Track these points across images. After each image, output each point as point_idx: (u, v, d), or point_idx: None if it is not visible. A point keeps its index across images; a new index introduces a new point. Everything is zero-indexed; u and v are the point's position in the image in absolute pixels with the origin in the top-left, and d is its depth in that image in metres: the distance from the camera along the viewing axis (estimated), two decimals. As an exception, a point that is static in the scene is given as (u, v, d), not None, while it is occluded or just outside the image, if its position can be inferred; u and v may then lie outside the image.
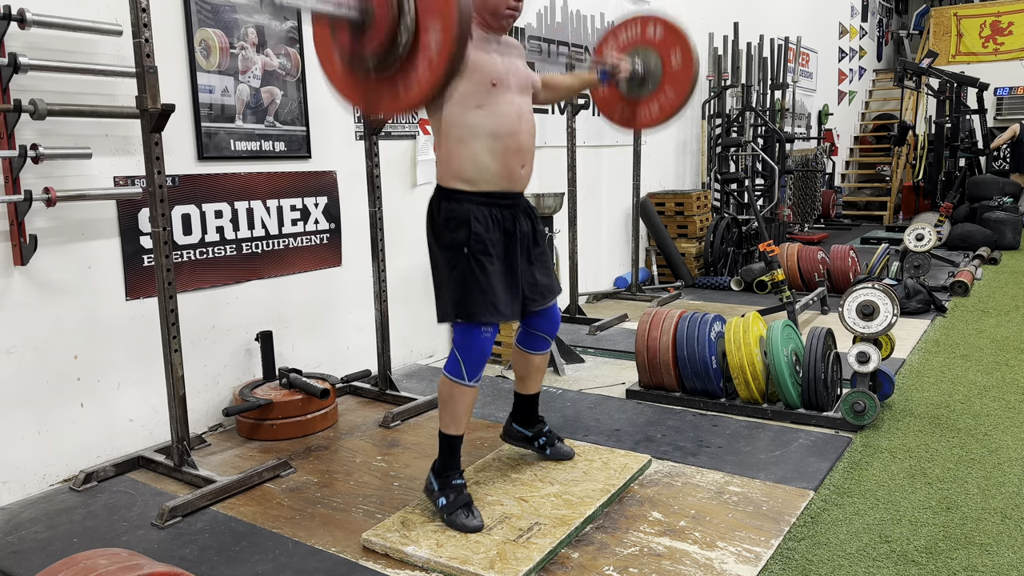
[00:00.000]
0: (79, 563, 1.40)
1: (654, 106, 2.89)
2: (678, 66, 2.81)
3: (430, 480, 2.54)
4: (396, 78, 1.72)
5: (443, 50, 1.67)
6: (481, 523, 2.42)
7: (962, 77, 9.26)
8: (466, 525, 2.40)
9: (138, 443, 3.18)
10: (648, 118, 2.93)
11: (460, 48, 1.69)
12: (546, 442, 2.89)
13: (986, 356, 4.38)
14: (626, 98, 2.93)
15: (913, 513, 2.57)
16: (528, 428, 2.90)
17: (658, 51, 2.83)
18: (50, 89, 2.79)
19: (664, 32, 2.81)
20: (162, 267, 2.79)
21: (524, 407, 2.88)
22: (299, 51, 3.69)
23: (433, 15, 1.65)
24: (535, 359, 2.78)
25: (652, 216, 6.64)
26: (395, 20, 1.68)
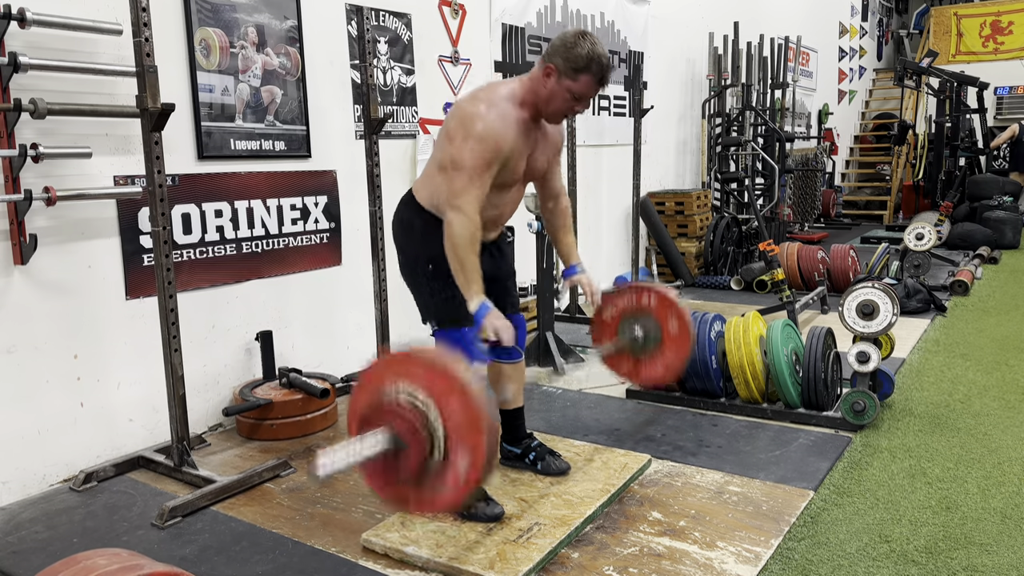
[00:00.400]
0: (79, 563, 1.40)
1: (658, 367, 2.99)
2: (675, 332, 2.93)
3: None
4: (426, 487, 1.82)
5: (470, 479, 1.77)
6: (502, 509, 2.44)
7: (962, 76, 9.26)
8: (488, 514, 2.41)
9: (138, 443, 3.18)
10: (653, 375, 3.02)
11: (486, 476, 1.79)
12: (536, 457, 2.81)
13: (986, 356, 4.37)
14: (632, 358, 3.03)
15: (913, 513, 2.57)
16: (516, 446, 2.83)
17: (655, 317, 2.95)
18: (50, 88, 2.79)
19: (658, 301, 2.93)
20: (162, 267, 2.79)
21: (507, 423, 2.80)
22: (299, 51, 3.69)
23: (464, 447, 1.75)
24: (506, 368, 2.71)
25: (652, 215, 6.64)
26: (426, 451, 1.78)
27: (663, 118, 7.14)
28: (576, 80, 2.30)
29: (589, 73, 2.30)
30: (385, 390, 1.84)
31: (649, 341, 2.96)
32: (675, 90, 7.37)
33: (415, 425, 1.79)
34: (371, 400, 1.87)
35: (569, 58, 2.28)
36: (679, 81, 7.43)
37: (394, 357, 1.88)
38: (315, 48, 3.78)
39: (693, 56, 7.56)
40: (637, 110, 6.04)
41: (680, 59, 7.39)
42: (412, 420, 1.79)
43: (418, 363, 1.82)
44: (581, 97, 2.34)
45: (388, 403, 1.82)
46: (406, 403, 1.81)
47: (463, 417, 1.75)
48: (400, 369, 1.85)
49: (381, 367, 1.91)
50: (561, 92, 2.32)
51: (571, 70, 2.29)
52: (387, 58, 4.18)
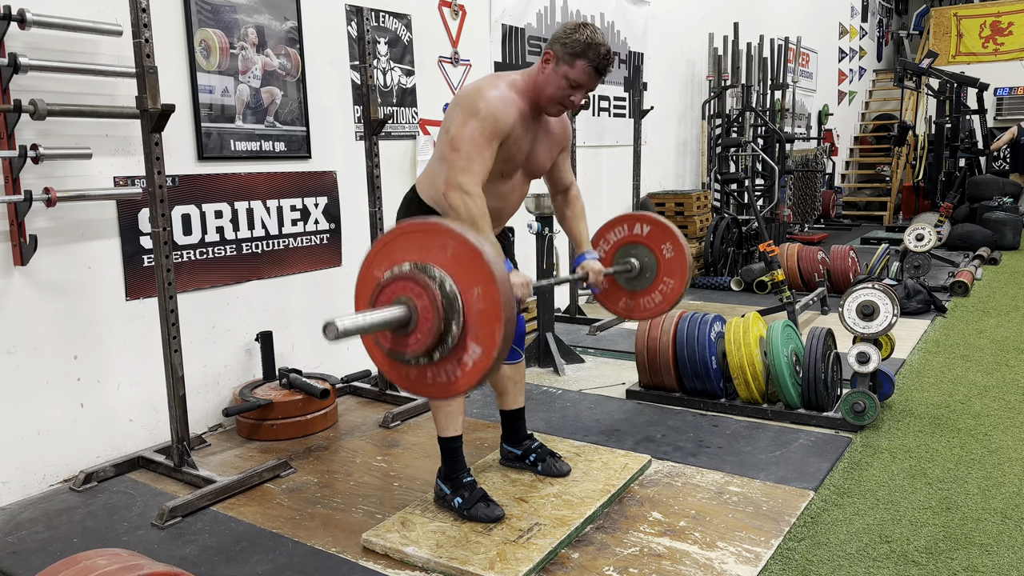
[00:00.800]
0: (79, 563, 1.40)
1: (656, 296, 2.96)
2: (671, 255, 2.90)
3: (440, 487, 2.53)
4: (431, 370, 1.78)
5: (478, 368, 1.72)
6: (502, 512, 2.43)
7: (962, 77, 9.26)
8: (488, 515, 2.41)
9: (138, 443, 3.18)
10: (652, 307, 2.98)
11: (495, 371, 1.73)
12: (537, 458, 2.80)
13: (986, 356, 4.37)
14: (627, 290, 3.00)
15: (913, 513, 2.57)
16: (516, 447, 2.83)
17: (649, 245, 2.94)
18: (50, 89, 2.79)
19: (651, 228, 2.93)
20: (162, 267, 2.79)
21: (508, 424, 2.82)
22: (299, 51, 3.69)
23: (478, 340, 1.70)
24: (506, 369, 2.71)
25: (652, 216, 6.63)
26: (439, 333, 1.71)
27: (663, 119, 7.15)
28: (572, 66, 2.26)
29: (586, 59, 2.26)
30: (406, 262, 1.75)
31: (645, 271, 2.93)
32: (675, 91, 7.37)
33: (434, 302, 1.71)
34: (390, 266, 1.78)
35: (567, 43, 2.25)
36: (679, 82, 7.43)
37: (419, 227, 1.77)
38: (315, 49, 3.78)
39: (693, 57, 7.57)
40: (637, 111, 6.05)
41: (680, 60, 7.39)
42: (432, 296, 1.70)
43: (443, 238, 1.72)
44: (577, 85, 2.29)
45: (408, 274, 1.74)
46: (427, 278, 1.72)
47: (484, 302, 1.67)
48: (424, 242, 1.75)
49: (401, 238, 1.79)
50: (557, 79, 2.28)
51: (568, 55, 2.26)
52: (387, 59, 4.18)
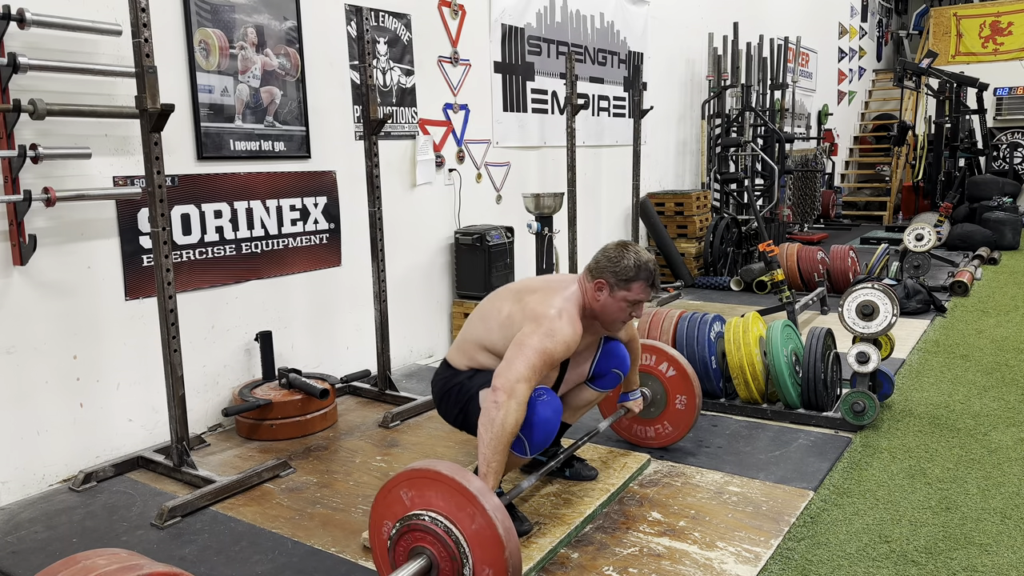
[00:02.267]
0: (78, 563, 1.40)
1: (650, 431, 3.08)
2: (682, 408, 2.99)
3: None
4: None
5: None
6: (530, 525, 2.42)
7: (962, 77, 9.26)
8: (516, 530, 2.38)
9: (137, 443, 3.18)
10: (642, 439, 3.10)
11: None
12: (564, 464, 2.78)
13: (986, 356, 4.37)
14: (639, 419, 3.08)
15: (913, 513, 2.57)
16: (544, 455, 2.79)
17: (666, 388, 3.00)
18: (50, 89, 2.79)
19: (676, 374, 2.98)
20: (161, 267, 2.79)
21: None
22: (299, 51, 3.69)
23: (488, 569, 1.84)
24: (591, 394, 2.71)
25: (652, 216, 6.64)
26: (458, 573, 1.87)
27: (663, 119, 7.15)
28: (629, 289, 2.40)
29: (640, 280, 2.40)
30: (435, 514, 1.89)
31: (651, 405, 3.02)
32: (675, 91, 7.38)
33: (448, 552, 1.86)
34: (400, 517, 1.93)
35: (617, 271, 2.39)
36: (679, 82, 7.43)
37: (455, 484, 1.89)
38: (315, 49, 3.78)
39: (693, 57, 7.57)
40: (637, 111, 6.05)
41: (680, 60, 7.39)
42: (454, 565, 1.85)
43: (475, 510, 1.86)
44: (636, 302, 2.44)
45: (439, 534, 1.87)
46: (438, 528, 1.87)
47: (487, 546, 1.82)
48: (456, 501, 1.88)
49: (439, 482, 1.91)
50: (616, 303, 2.41)
51: (622, 281, 2.39)
52: (387, 59, 4.18)
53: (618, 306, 2.41)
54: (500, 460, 2.11)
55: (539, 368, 2.21)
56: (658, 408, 3.02)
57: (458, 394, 2.46)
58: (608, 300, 2.41)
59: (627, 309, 2.43)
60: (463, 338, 2.53)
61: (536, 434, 2.26)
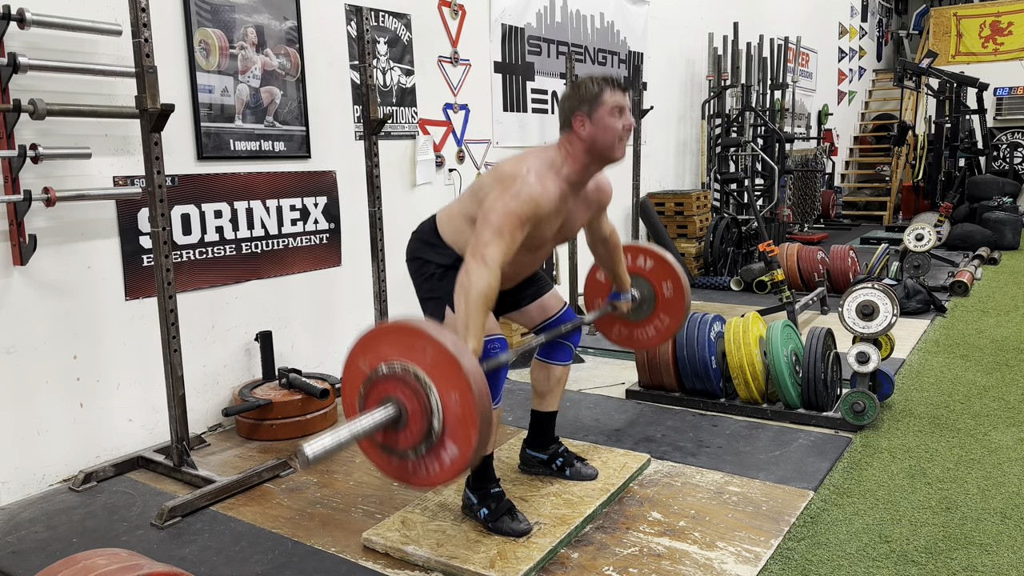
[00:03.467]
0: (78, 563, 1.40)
1: (650, 330, 3.00)
2: (670, 294, 2.92)
3: (467, 496, 2.50)
4: (413, 463, 1.90)
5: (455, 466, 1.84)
6: (529, 526, 2.40)
7: (962, 77, 9.25)
8: (514, 529, 2.38)
9: (137, 443, 3.18)
10: (644, 340, 3.04)
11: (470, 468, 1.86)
12: (564, 463, 2.77)
13: (986, 356, 4.37)
14: (622, 320, 3.02)
15: (913, 513, 2.57)
16: (543, 451, 2.80)
17: (649, 280, 2.94)
18: (50, 89, 2.79)
19: (654, 263, 2.92)
20: (161, 267, 2.79)
21: (539, 426, 2.79)
22: (299, 51, 3.69)
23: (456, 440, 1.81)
24: (556, 370, 2.71)
25: (652, 216, 6.64)
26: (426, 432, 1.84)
27: (663, 119, 7.15)
28: (602, 103, 2.31)
29: (606, 88, 2.32)
30: (391, 362, 1.86)
31: (643, 304, 2.93)
32: (675, 91, 7.37)
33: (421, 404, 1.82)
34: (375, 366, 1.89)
35: (584, 96, 2.32)
36: (679, 82, 7.43)
37: (399, 329, 1.87)
38: (315, 49, 3.78)
39: (693, 57, 7.57)
40: (637, 111, 6.04)
41: (680, 60, 7.39)
42: (419, 399, 1.82)
43: (423, 342, 1.82)
44: (618, 108, 2.34)
45: (397, 375, 1.84)
46: (395, 372, 1.84)
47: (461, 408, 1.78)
48: (404, 343, 1.85)
49: (385, 336, 1.89)
50: (601, 123, 2.32)
51: (592, 101, 2.31)
52: (387, 58, 4.18)
53: (605, 124, 2.31)
54: (477, 321, 2.10)
55: (506, 230, 2.17)
56: (649, 305, 2.94)
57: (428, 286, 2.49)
58: (592, 129, 2.31)
59: (616, 122, 2.32)
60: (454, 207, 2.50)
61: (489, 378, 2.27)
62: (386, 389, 1.87)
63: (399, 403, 1.84)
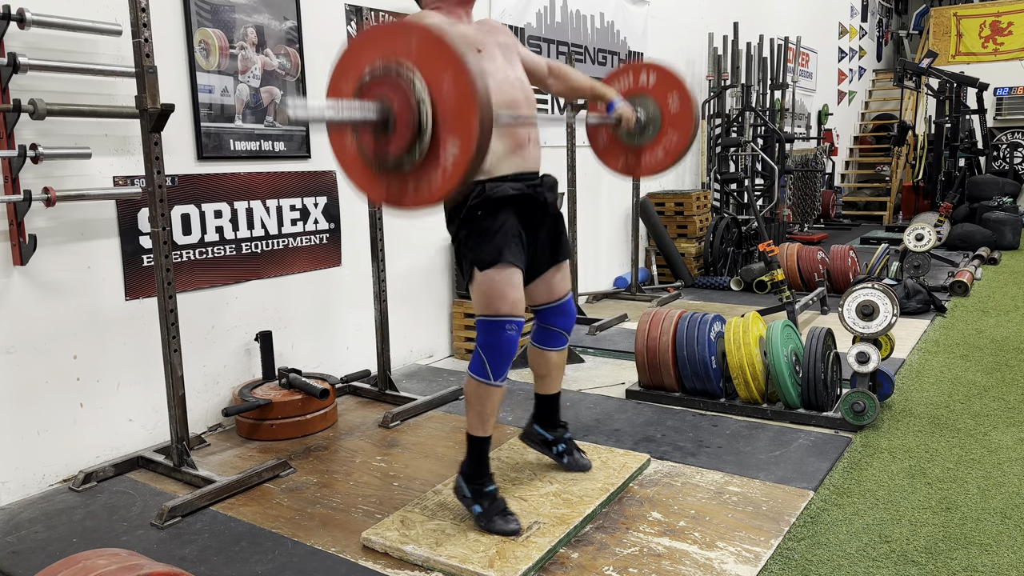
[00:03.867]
0: (78, 563, 1.40)
1: (658, 151, 2.82)
2: (677, 108, 2.75)
3: (460, 484, 2.49)
4: (412, 177, 1.70)
5: (459, 164, 1.64)
6: (519, 526, 2.39)
7: (962, 77, 9.25)
8: (505, 530, 2.37)
9: (137, 443, 3.18)
10: (653, 164, 2.85)
11: (476, 165, 1.65)
12: (565, 450, 2.80)
13: (986, 356, 4.37)
14: (628, 147, 2.86)
15: (913, 513, 2.57)
16: (549, 431, 2.81)
17: (655, 97, 2.78)
18: (50, 89, 2.79)
19: (658, 77, 2.77)
20: (162, 267, 2.79)
21: (544, 407, 2.81)
22: (299, 51, 3.69)
23: (452, 132, 1.62)
24: (552, 356, 2.72)
25: (652, 216, 6.64)
26: (416, 128, 1.65)
27: (663, 119, 7.14)
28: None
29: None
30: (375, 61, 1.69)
31: (648, 125, 2.78)
32: (675, 91, 7.36)
33: (405, 97, 1.63)
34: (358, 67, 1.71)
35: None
36: (679, 82, 7.42)
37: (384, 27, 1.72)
38: (315, 49, 3.78)
39: (693, 57, 7.57)
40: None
41: (680, 60, 7.38)
42: (403, 92, 1.63)
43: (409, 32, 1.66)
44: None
45: (378, 77, 1.66)
46: (396, 74, 1.66)
47: (455, 94, 1.59)
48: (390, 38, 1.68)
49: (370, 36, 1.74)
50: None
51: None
52: (387, 59, 4.18)
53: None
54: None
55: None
56: (655, 125, 2.78)
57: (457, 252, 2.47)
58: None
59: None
60: None
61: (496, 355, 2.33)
62: (370, 94, 1.68)
63: (383, 100, 1.66)
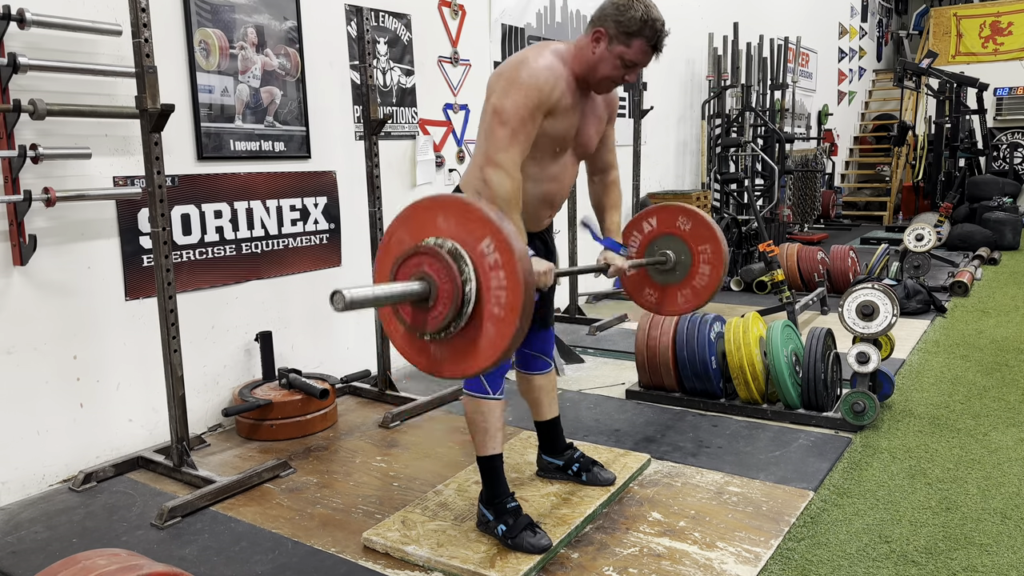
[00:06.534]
0: (78, 563, 1.40)
1: (680, 296, 2.82)
2: (708, 257, 2.73)
3: (482, 512, 2.39)
4: (458, 345, 1.72)
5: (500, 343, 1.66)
6: (549, 541, 2.28)
7: (962, 77, 9.25)
8: (535, 545, 2.25)
9: (137, 443, 3.18)
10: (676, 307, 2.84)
11: (517, 341, 1.66)
12: (580, 468, 2.70)
13: (986, 356, 4.37)
14: (656, 283, 2.85)
15: (913, 513, 2.57)
16: (557, 457, 2.74)
17: (687, 242, 2.76)
18: (50, 89, 2.79)
19: (692, 225, 2.73)
20: (161, 267, 2.79)
21: (546, 435, 2.74)
22: (299, 51, 3.69)
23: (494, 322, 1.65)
24: (538, 380, 2.65)
25: (652, 216, 6.63)
26: (459, 298, 1.67)
27: (662, 119, 7.15)
28: (629, 46, 2.15)
29: (642, 37, 2.14)
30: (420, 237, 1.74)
31: (676, 268, 2.78)
32: (674, 91, 7.37)
33: (449, 273, 1.67)
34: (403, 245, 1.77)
35: (621, 21, 2.13)
36: (678, 82, 7.43)
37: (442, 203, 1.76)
38: (315, 49, 3.78)
39: (692, 56, 7.57)
40: (637, 111, 6.05)
41: (679, 60, 7.39)
42: (446, 267, 1.67)
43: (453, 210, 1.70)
44: (633, 64, 2.18)
45: (421, 248, 1.71)
46: (440, 250, 1.69)
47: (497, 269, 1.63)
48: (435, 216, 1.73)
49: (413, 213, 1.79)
50: (611, 58, 2.16)
51: (623, 34, 2.14)
52: (387, 59, 4.18)
53: (613, 64, 2.16)
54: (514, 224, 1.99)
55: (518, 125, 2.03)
56: (683, 269, 2.77)
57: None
58: (604, 53, 2.15)
59: (620, 69, 2.17)
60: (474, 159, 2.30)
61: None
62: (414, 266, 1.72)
63: (427, 278, 1.70)
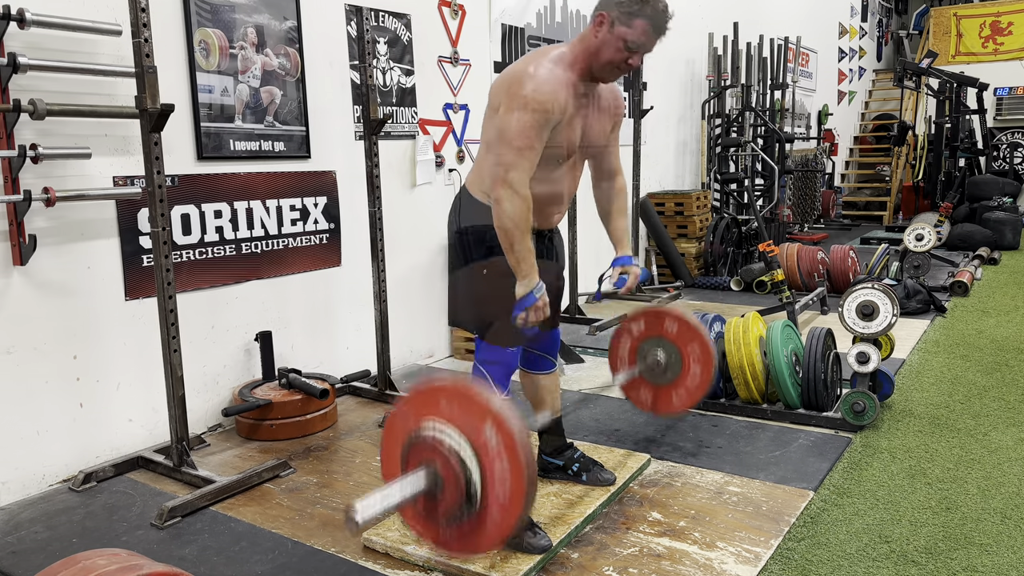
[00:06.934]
0: (78, 563, 1.40)
1: (673, 395, 2.86)
2: (697, 357, 2.78)
3: None
4: (466, 528, 1.79)
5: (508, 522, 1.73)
6: (549, 541, 2.30)
7: (962, 77, 9.25)
8: (534, 545, 2.27)
9: (137, 443, 3.18)
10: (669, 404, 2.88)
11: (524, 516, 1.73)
12: (580, 468, 2.71)
13: (986, 356, 4.37)
14: (647, 383, 2.90)
15: (913, 513, 2.57)
16: (557, 457, 2.74)
17: (676, 344, 2.80)
18: (50, 89, 2.79)
19: (679, 327, 2.79)
20: (161, 267, 2.79)
21: (547, 435, 2.75)
22: (299, 51, 3.69)
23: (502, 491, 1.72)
24: (541, 379, 2.65)
25: (652, 216, 6.64)
26: (463, 491, 1.75)
27: (662, 119, 7.14)
28: (630, 26, 2.11)
29: (644, 17, 2.11)
30: (419, 427, 1.80)
31: (667, 369, 2.85)
32: (674, 91, 7.37)
33: (452, 463, 1.73)
34: (405, 438, 1.83)
35: (623, 2, 2.11)
36: (678, 82, 7.43)
37: (425, 392, 1.82)
38: (315, 49, 3.78)
39: (692, 56, 7.57)
40: (637, 111, 6.05)
41: (679, 60, 7.39)
42: (449, 458, 1.74)
43: (453, 399, 1.76)
44: (636, 47, 2.13)
45: (424, 441, 1.77)
46: (441, 441, 1.76)
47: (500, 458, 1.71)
48: (433, 406, 1.79)
49: (412, 403, 1.85)
50: (614, 42, 2.13)
51: (624, 15, 2.11)
52: (387, 59, 4.18)
53: (616, 47, 2.12)
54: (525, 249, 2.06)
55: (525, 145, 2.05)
56: (675, 370, 2.82)
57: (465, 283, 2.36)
58: (607, 37, 2.12)
59: (623, 52, 2.13)
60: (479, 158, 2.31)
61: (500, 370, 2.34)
62: (423, 454, 1.78)
63: (435, 472, 1.76)
